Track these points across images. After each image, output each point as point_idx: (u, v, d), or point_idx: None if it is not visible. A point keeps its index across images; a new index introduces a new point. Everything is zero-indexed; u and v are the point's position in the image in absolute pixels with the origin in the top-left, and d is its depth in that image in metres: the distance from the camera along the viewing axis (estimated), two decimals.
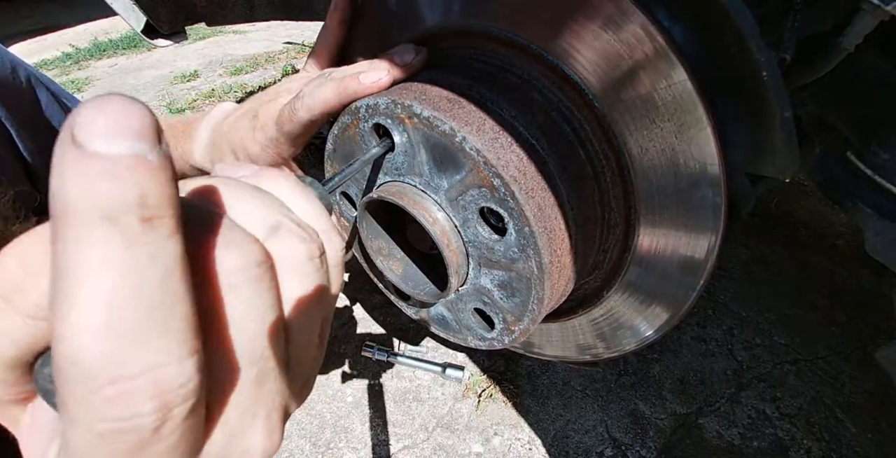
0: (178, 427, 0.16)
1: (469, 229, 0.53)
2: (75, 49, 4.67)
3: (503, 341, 0.58)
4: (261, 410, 0.20)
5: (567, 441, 1.28)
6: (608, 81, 0.50)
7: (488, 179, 0.48)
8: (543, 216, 0.49)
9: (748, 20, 0.42)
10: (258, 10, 1.29)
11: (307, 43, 4.36)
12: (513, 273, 0.52)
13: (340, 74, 0.53)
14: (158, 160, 0.14)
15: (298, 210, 0.23)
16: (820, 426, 1.29)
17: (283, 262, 0.21)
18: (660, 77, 0.47)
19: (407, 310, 0.71)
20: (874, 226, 0.69)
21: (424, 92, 0.53)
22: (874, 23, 0.52)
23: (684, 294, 0.59)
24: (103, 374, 0.14)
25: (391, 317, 1.64)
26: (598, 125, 0.54)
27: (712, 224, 0.52)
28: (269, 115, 0.56)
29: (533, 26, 0.53)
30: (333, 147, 0.62)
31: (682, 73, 0.45)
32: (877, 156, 0.67)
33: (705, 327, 1.58)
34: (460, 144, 0.48)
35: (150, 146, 0.14)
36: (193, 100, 3.31)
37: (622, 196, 0.57)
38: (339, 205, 0.67)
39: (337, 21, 0.63)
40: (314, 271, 0.21)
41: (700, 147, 0.48)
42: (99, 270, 0.14)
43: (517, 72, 0.57)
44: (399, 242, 0.66)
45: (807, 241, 1.88)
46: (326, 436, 1.32)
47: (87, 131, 0.13)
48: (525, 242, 0.49)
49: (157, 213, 0.14)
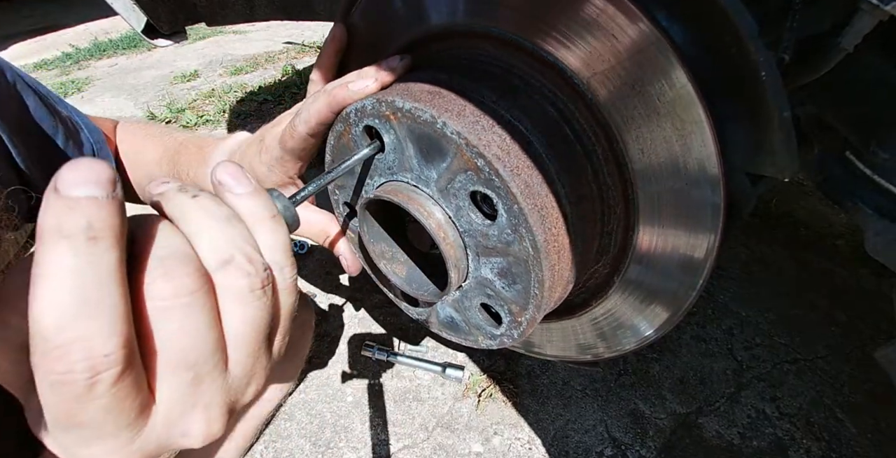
0: (108, 390, 0.22)
1: (463, 217, 0.53)
2: (75, 49, 4.68)
3: (512, 335, 0.58)
4: (199, 402, 0.26)
5: (567, 441, 1.28)
6: (601, 76, 0.51)
7: (472, 160, 0.48)
8: (532, 194, 0.49)
9: (747, 20, 0.43)
10: (258, 10, 1.29)
11: (307, 43, 4.36)
12: (510, 257, 0.52)
13: (331, 86, 0.56)
14: (107, 200, 0.22)
15: (261, 241, 0.29)
16: (820, 426, 1.29)
17: (226, 291, 0.26)
18: (659, 77, 0.47)
19: (417, 316, 0.71)
20: (874, 226, 0.69)
21: (407, 88, 0.54)
22: (873, 23, 0.52)
23: (684, 293, 0.59)
24: (52, 340, 0.21)
25: (391, 317, 1.64)
26: (584, 106, 0.54)
27: (712, 223, 0.52)
28: (274, 137, 0.60)
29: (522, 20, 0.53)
30: (332, 157, 0.62)
31: (681, 72, 0.45)
32: (876, 156, 0.67)
33: (705, 327, 1.58)
34: (441, 129, 0.48)
35: (102, 191, 0.21)
36: (193, 100, 3.31)
37: (617, 173, 0.57)
38: (343, 216, 0.67)
39: (333, 50, 0.66)
40: (255, 300, 0.27)
41: (699, 147, 0.48)
42: (55, 270, 0.21)
43: (499, 63, 0.58)
44: (401, 244, 0.66)
45: (807, 241, 1.88)
46: (326, 436, 1.32)
47: (62, 181, 0.21)
48: (516, 221, 0.49)
49: (100, 234, 0.21)
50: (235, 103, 3.22)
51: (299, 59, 4.04)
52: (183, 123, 2.97)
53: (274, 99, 3.24)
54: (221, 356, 0.27)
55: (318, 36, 4.45)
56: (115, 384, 0.22)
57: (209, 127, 2.97)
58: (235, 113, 3.10)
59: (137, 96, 3.53)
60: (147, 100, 3.43)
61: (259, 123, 2.95)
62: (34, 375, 0.22)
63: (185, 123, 2.96)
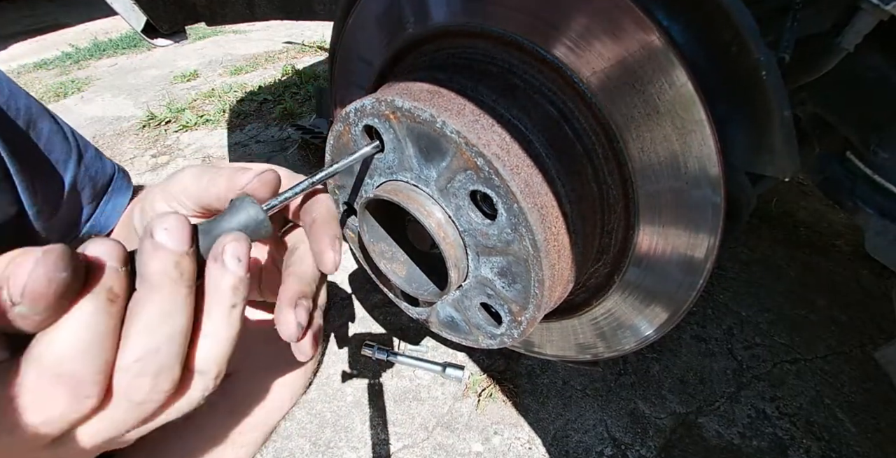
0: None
1: (462, 217, 0.53)
2: (75, 49, 4.67)
3: (513, 335, 0.58)
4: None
5: (567, 441, 1.28)
6: (601, 75, 0.50)
7: (472, 159, 0.48)
8: (532, 192, 0.49)
9: (748, 20, 0.43)
10: (258, 10, 1.29)
11: (307, 42, 4.36)
12: (510, 257, 0.52)
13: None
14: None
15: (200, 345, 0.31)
16: (820, 426, 1.29)
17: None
18: (659, 76, 0.47)
19: (417, 315, 0.71)
20: (874, 225, 0.69)
21: (406, 88, 0.54)
22: (873, 22, 0.52)
23: (684, 294, 0.59)
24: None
25: (391, 316, 1.64)
26: (583, 105, 0.54)
27: (712, 223, 0.52)
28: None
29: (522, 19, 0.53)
30: (331, 157, 0.62)
31: (681, 71, 0.45)
32: (876, 155, 0.67)
33: (705, 327, 1.58)
34: (441, 128, 0.48)
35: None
36: (193, 99, 3.31)
37: (617, 172, 0.57)
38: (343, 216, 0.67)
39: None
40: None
41: (699, 146, 0.48)
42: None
43: (498, 62, 0.58)
44: (401, 243, 0.66)
45: (807, 241, 1.88)
46: (326, 435, 1.32)
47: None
48: (516, 220, 0.49)
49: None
50: (235, 103, 3.22)
51: (299, 59, 4.04)
52: (183, 122, 2.97)
53: (274, 99, 3.24)
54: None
55: (319, 36, 4.45)
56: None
57: (209, 127, 2.97)
58: (235, 113, 3.10)
59: (137, 96, 3.53)
60: (147, 99, 3.43)
61: (259, 123, 2.95)
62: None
63: (185, 122, 2.96)
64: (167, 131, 2.96)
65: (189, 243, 0.28)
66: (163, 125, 3.01)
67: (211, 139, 2.84)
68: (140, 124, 3.04)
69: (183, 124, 2.96)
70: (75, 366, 0.24)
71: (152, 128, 3.00)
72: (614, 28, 0.47)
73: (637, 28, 0.46)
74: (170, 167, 2.58)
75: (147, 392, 0.27)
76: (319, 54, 4.12)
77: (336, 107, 0.91)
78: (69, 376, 0.24)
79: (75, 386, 0.25)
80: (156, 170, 2.58)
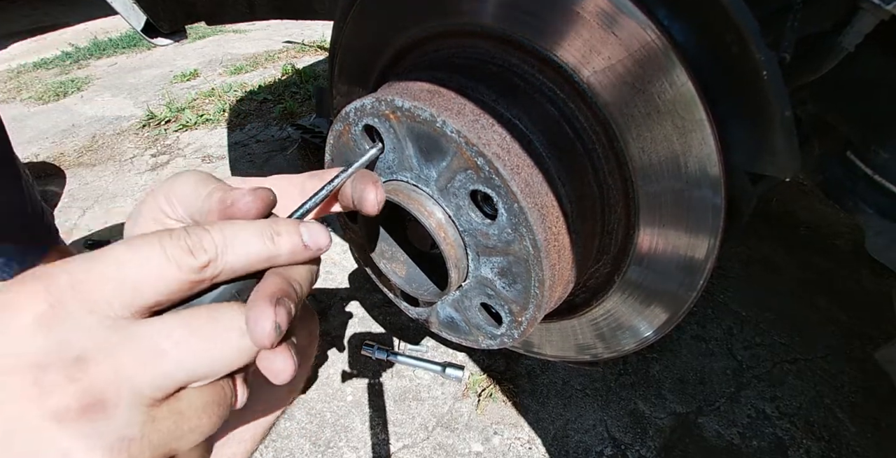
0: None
1: (463, 216, 0.53)
2: (75, 48, 4.67)
3: (513, 335, 0.58)
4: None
5: (567, 441, 1.28)
6: (602, 74, 0.50)
7: (472, 159, 0.48)
8: (532, 192, 0.49)
9: (748, 19, 0.42)
10: (258, 9, 1.29)
11: (307, 42, 4.36)
12: (510, 257, 0.52)
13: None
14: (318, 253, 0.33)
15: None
16: (819, 426, 1.29)
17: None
18: (659, 75, 0.47)
19: (417, 315, 0.71)
20: (875, 225, 0.69)
21: (406, 88, 0.54)
22: (874, 22, 0.52)
23: (684, 294, 0.59)
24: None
25: (391, 316, 1.64)
26: (584, 105, 0.54)
27: (712, 223, 0.52)
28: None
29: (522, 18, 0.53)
30: (331, 157, 0.62)
31: (682, 71, 0.45)
32: (877, 155, 0.67)
33: (705, 327, 1.58)
34: (441, 128, 0.48)
35: (321, 247, 0.33)
36: (193, 99, 3.31)
37: (617, 171, 0.57)
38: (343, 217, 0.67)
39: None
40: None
41: (699, 146, 0.48)
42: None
43: (498, 61, 0.58)
44: (401, 243, 0.66)
45: (807, 241, 1.88)
46: (326, 435, 1.32)
47: (306, 238, 0.32)
48: (517, 220, 0.49)
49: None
50: (235, 102, 3.22)
51: (299, 59, 4.04)
52: (183, 122, 2.97)
53: (274, 98, 3.23)
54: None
55: (318, 35, 4.45)
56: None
57: (209, 126, 2.97)
58: (235, 112, 3.10)
59: (137, 95, 3.53)
60: (147, 99, 3.43)
61: (259, 122, 2.94)
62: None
63: (184, 122, 2.96)
64: (167, 131, 2.96)
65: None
66: (163, 125, 3.01)
67: (211, 139, 2.84)
68: (140, 124, 3.04)
69: (183, 124, 2.96)
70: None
71: (152, 127, 3.00)
72: (615, 27, 0.47)
73: (638, 28, 0.46)
74: (170, 167, 2.58)
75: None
76: (319, 54, 4.12)
77: (336, 107, 0.91)
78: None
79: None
80: (156, 169, 2.58)
